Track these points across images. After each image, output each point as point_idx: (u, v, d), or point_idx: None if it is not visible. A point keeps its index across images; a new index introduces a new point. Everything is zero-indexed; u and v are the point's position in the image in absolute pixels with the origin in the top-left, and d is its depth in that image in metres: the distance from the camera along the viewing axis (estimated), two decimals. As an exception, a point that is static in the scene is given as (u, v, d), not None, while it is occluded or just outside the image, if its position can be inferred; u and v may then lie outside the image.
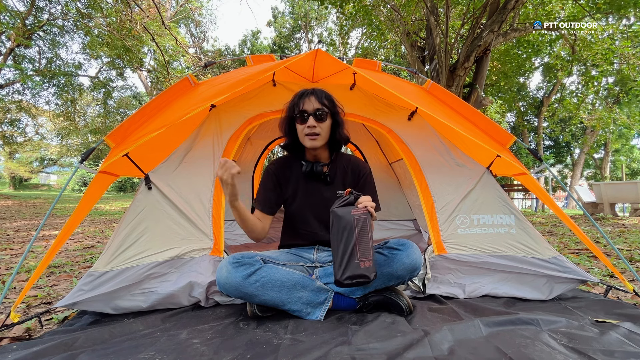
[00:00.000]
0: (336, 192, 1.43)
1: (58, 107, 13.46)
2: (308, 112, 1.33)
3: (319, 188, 1.43)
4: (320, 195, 1.42)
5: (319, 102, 1.34)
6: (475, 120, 1.61)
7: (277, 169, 1.45)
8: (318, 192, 1.43)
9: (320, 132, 1.33)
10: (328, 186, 1.43)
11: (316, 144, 1.34)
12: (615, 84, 10.54)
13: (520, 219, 1.54)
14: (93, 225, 5.15)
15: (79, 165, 1.33)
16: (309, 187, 1.43)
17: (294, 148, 1.45)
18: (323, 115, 1.34)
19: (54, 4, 10.11)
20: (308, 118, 1.32)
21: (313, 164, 1.39)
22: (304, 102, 1.34)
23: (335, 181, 1.44)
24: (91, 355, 0.90)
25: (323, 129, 1.34)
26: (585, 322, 1.10)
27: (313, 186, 1.43)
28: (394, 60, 10.59)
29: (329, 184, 1.43)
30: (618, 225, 4.93)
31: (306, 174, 1.40)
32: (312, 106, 1.33)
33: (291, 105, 1.38)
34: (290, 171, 1.46)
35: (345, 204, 1.16)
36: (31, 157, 24.74)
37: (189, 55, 11.45)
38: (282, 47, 18.02)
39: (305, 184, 1.43)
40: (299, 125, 1.36)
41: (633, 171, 24.20)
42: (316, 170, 1.39)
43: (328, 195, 1.41)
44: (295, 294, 1.18)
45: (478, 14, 5.28)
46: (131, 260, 1.30)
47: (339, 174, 1.46)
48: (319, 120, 1.33)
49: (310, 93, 1.36)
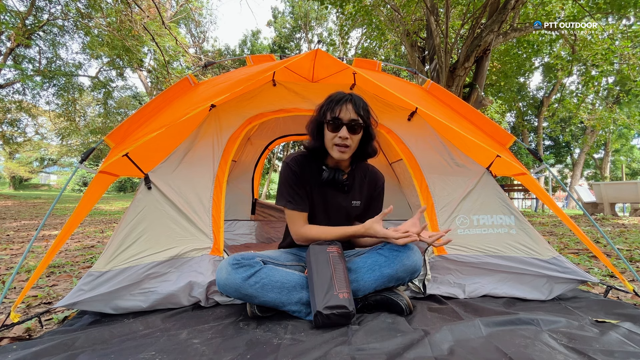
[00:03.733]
0: (352, 202, 1.41)
1: (58, 107, 13.47)
2: (343, 121, 1.24)
3: (334, 195, 1.40)
4: (336, 203, 1.40)
5: (355, 112, 1.24)
6: (475, 120, 1.61)
7: (297, 167, 1.36)
8: (333, 198, 1.40)
9: (351, 144, 1.26)
10: (344, 194, 1.41)
11: (344, 157, 1.28)
12: (615, 84, 10.54)
13: (520, 220, 1.54)
14: (93, 225, 5.15)
15: (79, 165, 1.33)
16: (325, 192, 1.39)
17: (317, 151, 1.37)
18: (357, 127, 1.26)
19: (54, 4, 10.12)
20: (341, 128, 1.24)
21: (335, 172, 1.33)
22: (341, 109, 1.24)
23: (353, 190, 1.42)
24: (91, 355, 0.90)
25: (354, 141, 1.27)
26: (585, 322, 1.10)
27: (329, 192, 1.39)
28: (394, 60, 10.60)
29: (346, 193, 1.41)
30: (618, 225, 4.93)
31: (325, 180, 1.34)
32: (348, 115, 1.24)
33: (325, 109, 1.28)
34: (309, 172, 1.38)
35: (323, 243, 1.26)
36: (31, 157, 24.77)
37: (189, 55, 11.44)
38: (282, 47, 18.02)
39: (321, 188, 1.39)
40: (330, 132, 1.27)
41: (633, 171, 24.21)
42: (337, 179, 1.33)
43: (344, 204, 1.40)
44: (295, 295, 1.18)
45: (478, 14, 5.28)
46: (131, 260, 1.30)
47: (357, 183, 1.43)
48: (352, 131, 1.25)
49: (348, 100, 1.26)
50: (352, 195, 1.42)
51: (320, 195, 1.39)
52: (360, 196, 1.43)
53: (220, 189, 1.55)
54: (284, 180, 1.36)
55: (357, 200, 1.43)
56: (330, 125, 1.26)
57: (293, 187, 1.34)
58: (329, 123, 1.26)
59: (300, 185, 1.36)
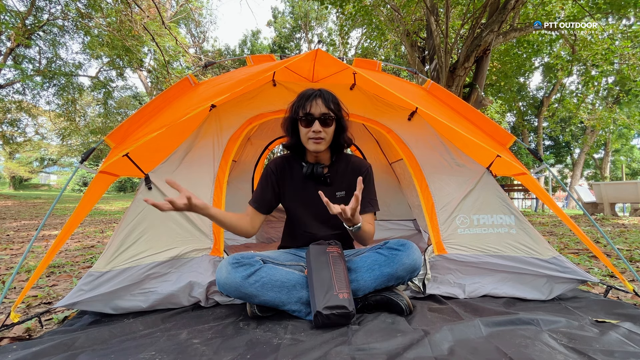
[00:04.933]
0: (336, 194, 1.42)
1: (58, 107, 13.47)
2: (314, 115, 1.29)
3: (317, 189, 1.43)
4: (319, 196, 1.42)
5: (325, 106, 1.29)
6: (475, 120, 1.61)
7: (276, 168, 1.43)
8: (317, 193, 1.42)
9: (325, 136, 1.31)
10: (327, 187, 1.42)
11: (320, 148, 1.32)
12: (615, 84, 10.53)
13: (520, 219, 1.54)
14: (93, 225, 5.15)
15: (79, 165, 1.33)
16: (308, 187, 1.42)
17: (296, 148, 1.43)
18: (329, 119, 1.31)
19: (54, 4, 10.12)
20: (313, 122, 1.29)
21: (314, 166, 1.38)
22: (311, 105, 1.29)
23: (335, 182, 1.44)
24: (91, 355, 0.90)
25: (328, 133, 1.32)
26: (585, 322, 1.10)
27: (311, 187, 1.42)
28: (394, 60, 10.59)
29: (329, 185, 1.43)
30: (618, 225, 4.93)
31: (306, 175, 1.39)
32: (318, 110, 1.29)
33: (296, 106, 1.33)
34: (290, 171, 1.44)
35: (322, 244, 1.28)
36: (31, 157, 24.78)
37: (189, 55, 11.45)
38: (282, 47, 18.02)
39: (304, 185, 1.43)
40: (303, 128, 1.32)
41: (633, 171, 24.21)
42: (316, 172, 1.37)
43: (327, 196, 1.41)
44: (295, 295, 1.18)
45: (478, 14, 5.28)
46: (131, 260, 1.30)
47: (339, 175, 1.45)
48: (325, 125, 1.30)
49: (317, 95, 1.31)
50: (335, 187, 1.43)
51: (304, 190, 1.42)
52: (343, 186, 1.43)
53: (220, 189, 1.55)
54: (259, 180, 1.46)
55: (341, 190, 1.43)
56: (303, 121, 1.31)
57: (258, 185, 1.44)
58: (302, 119, 1.31)
59: (269, 185, 1.42)
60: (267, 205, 1.41)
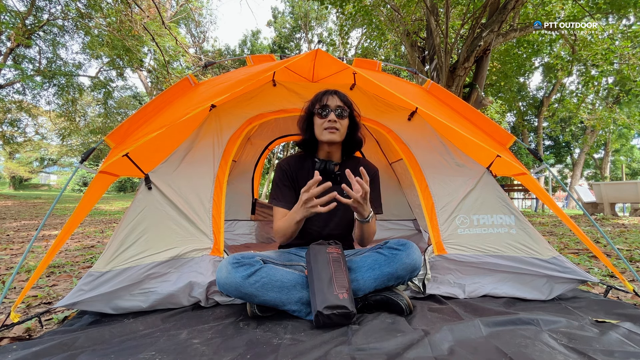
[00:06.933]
0: (343, 192, 1.42)
1: (58, 107, 13.47)
2: (330, 107, 1.39)
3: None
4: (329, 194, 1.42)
5: (341, 100, 1.41)
6: (475, 120, 1.61)
7: (289, 166, 1.48)
8: (327, 190, 1.42)
9: (340, 128, 1.40)
10: (337, 186, 1.42)
11: (334, 138, 1.39)
12: (615, 84, 10.54)
13: (520, 219, 1.54)
14: (93, 225, 5.15)
15: (79, 165, 1.33)
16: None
17: (309, 144, 1.50)
18: (344, 113, 1.41)
19: (54, 4, 10.13)
20: (329, 113, 1.39)
21: (326, 162, 1.43)
22: (327, 98, 1.41)
23: (344, 181, 1.44)
24: (91, 355, 0.90)
25: (342, 126, 1.41)
26: (585, 322, 1.10)
27: (321, 184, 1.42)
28: (394, 60, 10.59)
29: (337, 184, 1.43)
30: (618, 225, 4.93)
31: (319, 171, 1.39)
32: (334, 103, 1.40)
33: (313, 102, 1.45)
34: (302, 169, 1.49)
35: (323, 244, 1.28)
36: (31, 157, 24.78)
37: (189, 55, 11.45)
38: (282, 47, 18.02)
39: None
40: (319, 119, 1.41)
41: (633, 171, 24.22)
42: (329, 168, 1.43)
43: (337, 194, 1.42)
44: (295, 294, 1.18)
45: (478, 14, 5.28)
46: (131, 260, 1.30)
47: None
48: (340, 117, 1.40)
49: (333, 92, 1.43)
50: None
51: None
52: (351, 186, 1.43)
53: (220, 189, 1.55)
54: (274, 180, 1.49)
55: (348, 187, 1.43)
56: (319, 113, 1.41)
57: (279, 186, 1.46)
58: (318, 111, 1.41)
59: (289, 184, 1.46)
60: (288, 200, 1.44)
